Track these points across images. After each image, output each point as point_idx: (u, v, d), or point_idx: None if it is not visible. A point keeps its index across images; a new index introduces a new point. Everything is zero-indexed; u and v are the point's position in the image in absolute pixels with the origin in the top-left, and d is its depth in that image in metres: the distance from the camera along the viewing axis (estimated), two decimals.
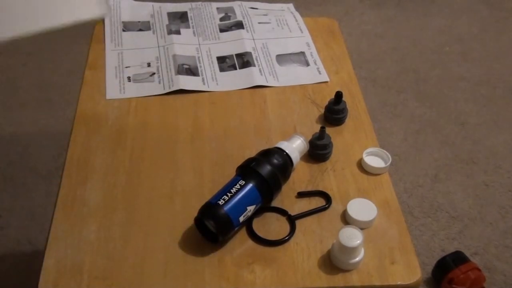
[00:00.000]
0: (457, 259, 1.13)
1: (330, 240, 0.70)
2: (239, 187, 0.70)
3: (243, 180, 0.70)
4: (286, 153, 0.76)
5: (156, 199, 0.75)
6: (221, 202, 0.68)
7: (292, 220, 0.73)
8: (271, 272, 0.67)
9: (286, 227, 0.73)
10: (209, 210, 0.68)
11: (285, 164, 0.75)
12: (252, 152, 0.78)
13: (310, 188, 0.77)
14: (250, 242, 0.71)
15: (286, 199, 0.75)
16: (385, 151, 0.81)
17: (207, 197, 0.70)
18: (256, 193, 0.71)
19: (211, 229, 0.68)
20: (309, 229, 0.72)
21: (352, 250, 0.66)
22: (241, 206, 0.69)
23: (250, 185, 0.70)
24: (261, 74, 0.95)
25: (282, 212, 0.74)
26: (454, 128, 1.52)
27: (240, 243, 0.70)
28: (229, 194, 0.69)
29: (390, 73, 1.70)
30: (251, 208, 0.70)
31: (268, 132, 0.85)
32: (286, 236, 0.71)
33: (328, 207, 0.75)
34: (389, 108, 1.57)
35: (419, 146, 1.46)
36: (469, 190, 1.36)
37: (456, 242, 1.24)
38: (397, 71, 1.71)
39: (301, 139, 0.79)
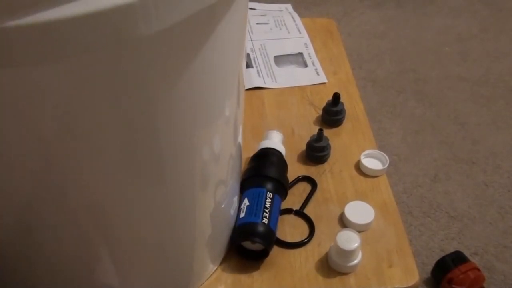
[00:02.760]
0: (457, 259, 1.13)
1: (327, 243, 0.70)
2: (270, 200, 0.69)
3: (270, 192, 0.70)
4: (275, 149, 0.76)
5: None
6: (265, 220, 0.67)
7: (300, 214, 0.74)
8: (268, 275, 0.67)
9: (295, 225, 0.73)
10: (255, 231, 0.66)
11: (281, 159, 0.76)
12: (249, 154, 0.77)
13: (307, 190, 0.77)
14: None
15: None
16: (383, 153, 0.80)
17: None
18: (279, 200, 0.71)
19: (255, 248, 0.68)
20: (306, 233, 0.72)
21: (349, 253, 0.66)
22: (276, 219, 0.69)
23: (276, 195, 0.70)
24: (259, 76, 0.95)
25: (286, 211, 0.74)
26: (453, 128, 1.51)
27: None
28: (267, 210, 0.68)
29: (389, 73, 1.69)
30: (279, 216, 0.70)
31: (264, 134, 0.85)
32: (306, 238, 0.72)
33: (316, 187, 0.76)
34: (389, 108, 1.57)
35: (419, 146, 1.46)
36: (468, 190, 1.35)
37: (455, 242, 1.24)
38: (396, 71, 1.70)
39: (275, 131, 0.80)
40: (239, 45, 0.55)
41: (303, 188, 0.76)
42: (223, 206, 0.64)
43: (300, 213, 0.74)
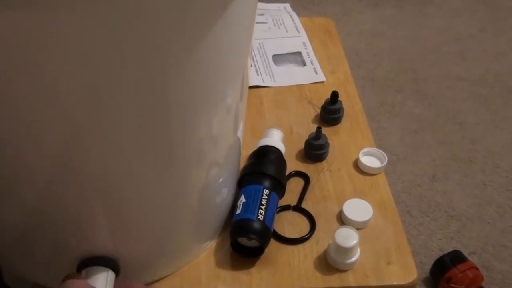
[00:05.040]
0: (455, 258, 1.13)
1: (326, 241, 0.70)
2: (266, 197, 0.69)
3: (266, 189, 0.70)
4: (274, 147, 0.76)
5: None
6: (260, 217, 0.67)
7: (299, 209, 0.74)
8: (267, 273, 0.67)
9: (293, 222, 0.73)
10: (251, 227, 0.66)
11: (281, 157, 0.76)
12: (248, 152, 0.77)
13: (302, 186, 0.78)
14: None
15: None
16: (381, 151, 0.81)
17: None
18: (276, 197, 0.71)
19: (251, 244, 0.68)
20: (305, 230, 0.72)
21: (348, 250, 0.66)
22: (272, 215, 0.69)
23: (272, 192, 0.70)
24: (258, 74, 0.95)
25: (284, 208, 0.74)
26: (452, 127, 1.52)
27: None
28: (262, 207, 0.68)
29: (388, 72, 1.70)
30: (276, 213, 0.71)
31: (264, 132, 0.85)
32: (306, 234, 0.71)
33: (310, 181, 0.77)
34: (387, 108, 1.57)
35: (417, 146, 1.46)
36: (467, 190, 1.35)
37: (454, 242, 1.24)
38: (395, 70, 1.70)
39: (275, 129, 0.80)
40: (247, 33, 0.58)
41: (297, 184, 0.76)
42: (214, 188, 0.65)
43: (298, 209, 0.74)
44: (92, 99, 0.47)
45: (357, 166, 0.80)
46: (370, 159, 0.80)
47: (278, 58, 0.99)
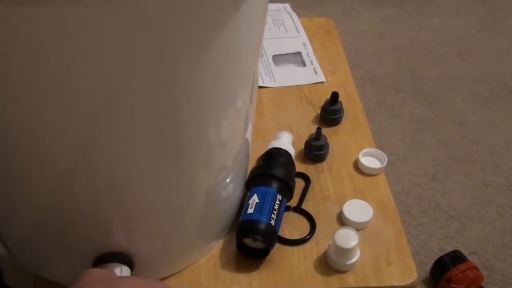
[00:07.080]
0: (455, 258, 1.13)
1: (326, 242, 0.70)
2: (279, 203, 0.69)
3: (279, 194, 0.70)
4: (285, 150, 0.76)
5: None
6: (272, 222, 0.67)
7: (299, 210, 0.74)
8: (267, 274, 0.67)
9: (293, 223, 0.73)
10: (260, 229, 0.66)
11: (290, 160, 0.76)
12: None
13: (302, 186, 0.78)
14: None
15: None
16: (381, 151, 0.80)
17: None
18: (285, 202, 0.71)
19: (256, 246, 0.68)
20: (305, 231, 0.72)
21: (348, 251, 0.66)
22: (280, 221, 0.69)
23: (284, 198, 0.70)
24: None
25: (284, 208, 0.74)
26: (452, 127, 1.52)
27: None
28: (275, 212, 0.68)
29: (388, 72, 1.70)
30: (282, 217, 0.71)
31: (264, 132, 0.85)
32: (307, 235, 0.71)
33: (310, 182, 0.77)
34: (387, 108, 1.57)
35: (417, 146, 1.46)
36: (467, 190, 1.35)
37: (454, 242, 1.24)
38: (395, 70, 1.70)
39: (286, 132, 0.80)
40: (258, 35, 0.58)
41: (297, 185, 0.76)
42: (223, 188, 0.65)
43: (298, 210, 0.74)
44: (103, 101, 0.47)
45: (357, 166, 0.80)
46: (370, 160, 0.80)
47: (278, 59, 0.99)
